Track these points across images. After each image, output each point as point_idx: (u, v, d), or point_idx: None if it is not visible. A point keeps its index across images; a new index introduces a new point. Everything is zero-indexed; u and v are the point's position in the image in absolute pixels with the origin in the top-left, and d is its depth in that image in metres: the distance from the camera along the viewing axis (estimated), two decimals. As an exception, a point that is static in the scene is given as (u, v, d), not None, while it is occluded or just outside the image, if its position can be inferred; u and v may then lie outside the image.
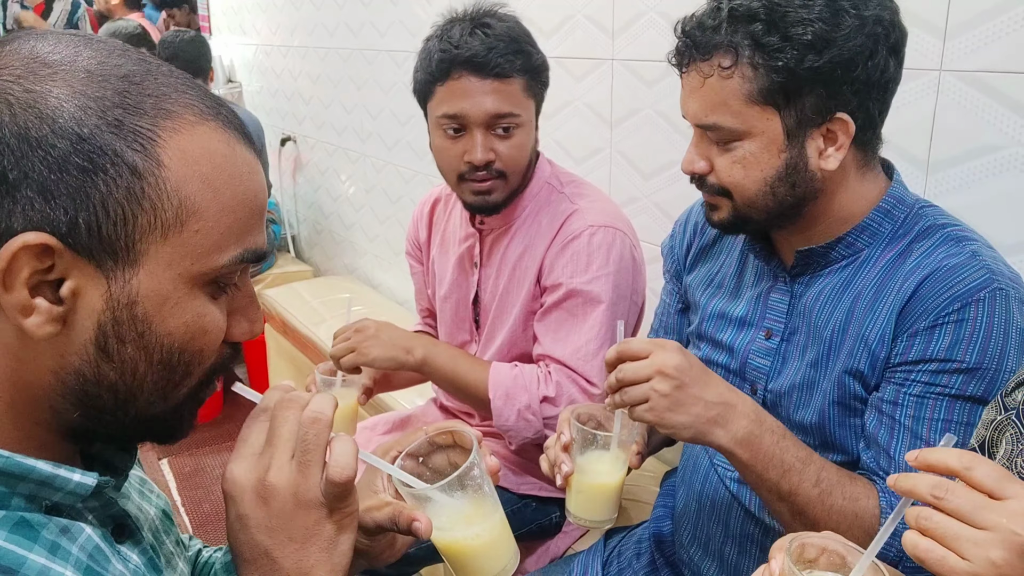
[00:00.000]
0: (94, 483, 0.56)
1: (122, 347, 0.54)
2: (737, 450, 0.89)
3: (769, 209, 0.96)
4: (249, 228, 0.58)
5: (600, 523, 1.03)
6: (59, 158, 0.50)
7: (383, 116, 2.81)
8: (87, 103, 0.51)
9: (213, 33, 4.58)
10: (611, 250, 1.35)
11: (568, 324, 1.37)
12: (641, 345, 0.90)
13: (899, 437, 0.90)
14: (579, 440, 0.99)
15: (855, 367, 0.94)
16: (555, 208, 1.41)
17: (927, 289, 0.90)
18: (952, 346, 0.87)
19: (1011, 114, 1.08)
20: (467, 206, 1.42)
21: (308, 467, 0.60)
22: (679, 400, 0.88)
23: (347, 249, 3.34)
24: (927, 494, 0.59)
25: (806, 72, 0.88)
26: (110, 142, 0.51)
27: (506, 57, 1.28)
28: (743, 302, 1.08)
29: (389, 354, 1.38)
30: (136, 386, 0.56)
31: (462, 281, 1.53)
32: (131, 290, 0.53)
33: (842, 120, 0.91)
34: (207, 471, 2.92)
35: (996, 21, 1.08)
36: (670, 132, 1.64)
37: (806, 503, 0.89)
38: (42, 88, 0.50)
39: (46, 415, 0.56)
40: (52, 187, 0.50)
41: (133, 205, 0.52)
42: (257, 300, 0.63)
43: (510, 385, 1.37)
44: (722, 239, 1.16)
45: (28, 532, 0.52)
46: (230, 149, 0.56)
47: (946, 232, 0.94)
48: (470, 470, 0.70)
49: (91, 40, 0.55)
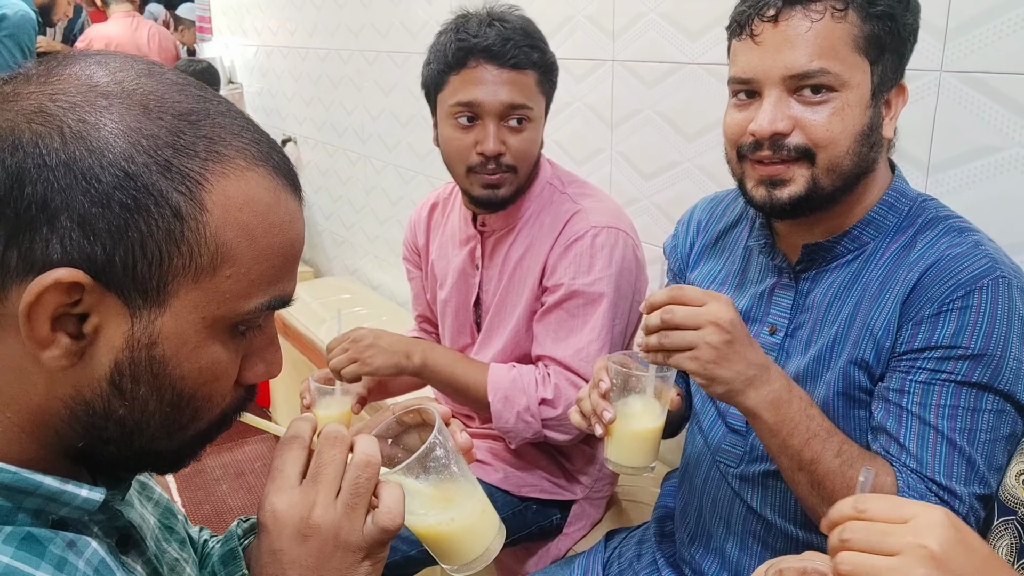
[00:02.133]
0: (101, 498, 0.56)
1: (135, 386, 0.54)
2: (765, 413, 0.89)
3: (846, 174, 0.93)
4: (281, 276, 0.57)
5: (642, 469, 1.02)
6: (103, 193, 0.49)
7: (383, 117, 2.81)
8: (139, 139, 0.50)
9: (214, 34, 4.58)
10: (614, 251, 1.35)
11: (569, 325, 1.36)
12: (696, 293, 0.90)
13: (907, 424, 0.90)
14: (619, 385, 0.98)
15: (860, 357, 0.95)
16: (557, 208, 1.41)
17: (931, 278, 0.91)
18: (957, 332, 0.88)
19: (1011, 114, 1.08)
20: (474, 200, 1.41)
21: (355, 510, 0.60)
22: (726, 355, 0.87)
23: (347, 250, 3.34)
24: (836, 541, 0.61)
25: (903, 28, 0.91)
26: (156, 182, 0.50)
27: (522, 49, 1.29)
28: (747, 298, 1.08)
29: (391, 361, 1.38)
30: (144, 422, 0.55)
31: (463, 284, 1.53)
32: (153, 331, 0.53)
33: (901, 88, 0.95)
34: (207, 472, 2.92)
35: (996, 22, 1.08)
36: (670, 133, 1.64)
37: (826, 473, 0.89)
38: (96, 120, 0.50)
39: (50, 439, 0.55)
40: (92, 221, 0.49)
41: (171, 247, 0.51)
42: (277, 342, 0.62)
43: (508, 387, 1.37)
44: (725, 237, 1.16)
45: (35, 548, 0.51)
46: (274, 197, 0.55)
47: (949, 223, 0.95)
48: (431, 450, 0.67)
49: (152, 70, 0.54)
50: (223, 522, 2.63)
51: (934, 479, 0.88)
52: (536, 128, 1.35)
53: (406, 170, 2.73)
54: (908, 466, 0.89)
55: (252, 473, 2.91)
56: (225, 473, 2.92)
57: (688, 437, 1.22)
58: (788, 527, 1.04)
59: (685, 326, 0.88)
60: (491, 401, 1.38)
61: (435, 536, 0.71)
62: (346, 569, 0.60)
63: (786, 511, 1.04)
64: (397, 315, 2.72)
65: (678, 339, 0.88)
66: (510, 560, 1.60)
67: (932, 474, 0.88)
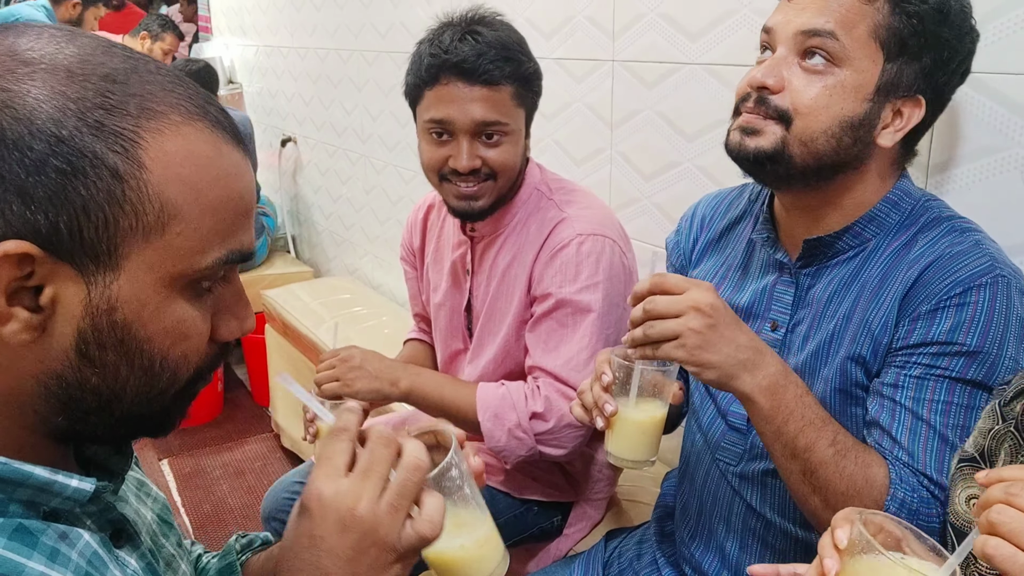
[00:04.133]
0: (92, 488, 0.56)
1: (103, 353, 0.53)
2: (760, 398, 0.89)
3: (820, 155, 0.93)
4: (234, 229, 0.56)
5: (643, 463, 1.02)
6: (37, 160, 0.48)
7: (383, 117, 2.81)
8: (66, 104, 0.49)
9: (214, 34, 4.58)
10: (600, 259, 1.33)
11: (558, 334, 1.35)
12: (676, 280, 0.90)
13: (900, 418, 0.90)
14: (621, 379, 0.98)
15: (858, 352, 0.95)
16: (543, 215, 1.39)
17: (930, 275, 0.91)
18: (953, 329, 0.88)
19: (1011, 115, 1.08)
20: (451, 210, 1.40)
21: (398, 511, 0.61)
22: (711, 339, 0.87)
23: (347, 250, 3.34)
24: (1002, 493, 0.59)
25: (931, 36, 0.90)
26: (89, 144, 0.49)
27: (495, 64, 1.27)
28: (748, 294, 1.09)
29: (373, 386, 1.37)
30: (119, 389, 0.55)
31: (455, 289, 1.53)
32: (111, 295, 0.52)
33: (918, 103, 0.93)
34: (207, 471, 2.92)
35: (996, 23, 1.08)
36: (670, 133, 1.64)
37: (820, 462, 0.88)
38: (19, 87, 0.49)
39: (31, 419, 0.55)
40: (31, 190, 0.48)
41: (114, 208, 0.50)
42: (246, 297, 0.62)
43: (497, 405, 1.35)
44: (729, 233, 1.16)
45: (27, 538, 0.51)
46: (215, 150, 0.55)
47: (951, 223, 0.95)
48: (446, 471, 0.67)
49: (75, 35, 0.54)
50: (223, 522, 2.63)
51: (925, 473, 0.88)
52: (514, 141, 1.33)
53: (406, 170, 2.73)
54: (900, 460, 0.89)
55: (252, 473, 2.91)
56: (225, 473, 2.91)
57: (687, 435, 1.22)
58: (788, 526, 1.04)
59: (668, 314, 0.88)
60: (481, 420, 1.36)
61: (443, 561, 0.72)
62: (379, 568, 0.61)
63: (786, 510, 1.04)
64: (397, 315, 2.72)
65: (662, 328, 0.88)
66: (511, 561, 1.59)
67: (924, 468, 0.88)
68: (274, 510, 1.64)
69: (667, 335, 0.88)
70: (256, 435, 3.16)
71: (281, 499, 1.64)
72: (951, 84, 0.95)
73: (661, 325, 0.88)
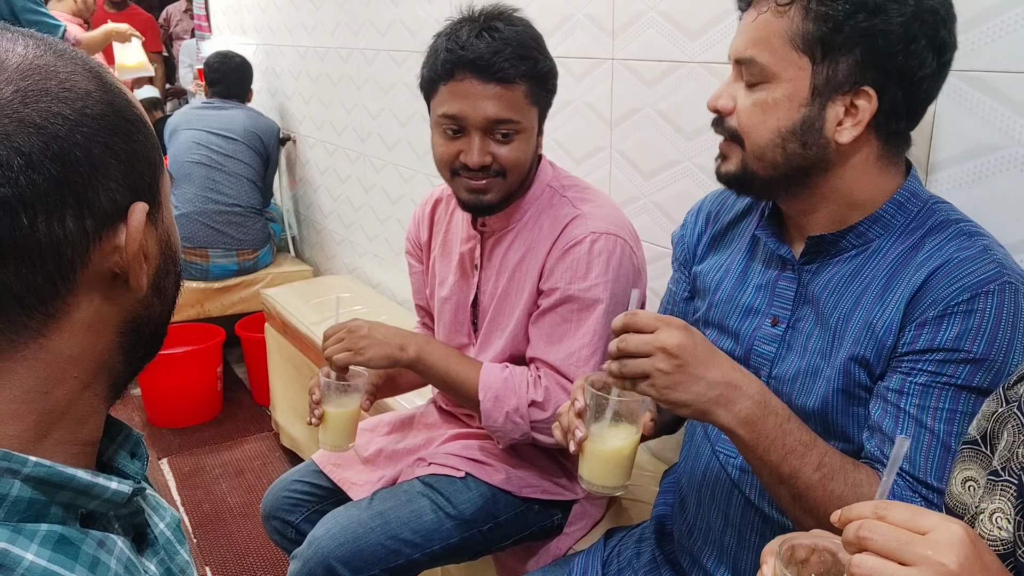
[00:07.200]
0: (130, 490, 0.56)
1: (166, 279, 0.60)
2: (739, 430, 0.90)
3: (777, 165, 0.96)
4: None
5: (612, 490, 1.03)
6: (124, 129, 0.54)
7: (383, 116, 2.81)
8: (108, 76, 0.56)
9: (213, 33, 4.58)
10: (611, 258, 1.34)
11: (562, 329, 1.36)
12: (648, 320, 0.90)
13: (904, 425, 0.90)
14: (593, 406, 0.99)
15: (860, 354, 0.95)
16: (557, 212, 1.41)
17: (937, 280, 0.90)
18: (960, 336, 0.88)
19: (1011, 114, 1.08)
20: (461, 204, 1.41)
21: None
22: (679, 380, 0.88)
23: (347, 249, 3.34)
24: (853, 536, 0.60)
25: (850, 30, 0.89)
26: (133, 106, 0.57)
27: (510, 62, 1.28)
28: (751, 289, 1.09)
29: (384, 352, 1.38)
30: (170, 306, 0.62)
31: (463, 283, 1.53)
32: (165, 226, 0.59)
33: (867, 94, 0.92)
34: (207, 470, 2.92)
35: (996, 21, 1.08)
36: (670, 132, 1.64)
37: (806, 487, 0.89)
38: (66, 76, 0.54)
39: (105, 386, 0.58)
40: (118, 154, 0.54)
41: (154, 154, 0.57)
42: None
43: (500, 387, 1.37)
44: (735, 227, 1.17)
45: (69, 550, 0.52)
46: None
47: (959, 227, 0.95)
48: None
49: None
50: (222, 521, 2.63)
51: (925, 481, 0.88)
52: (526, 139, 1.34)
53: (405, 169, 2.73)
54: (900, 469, 0.89)
55: (251, 472, 2.91)
56: (224, 472, 2.92)
57: (688, 429, 1.23)
58: (785, 521, 1.04)
59: (638, 354, 0.89)
60: (481, 400, 1.38)
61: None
62: None
63: (783, 507, 1.04)
64: (397, 313, 2.72)
65: (633, 367, 0.90)
66: (510, 560, 1.60)
67: (924, 476, 0.88)
68: (274, 509, 1.64)
69: (638, 373, 0.90)
70: (256, 434, 3.16)
71: (280, 498, 1.64)
72: (910, 65, 0.90)
73: (632, 363, 0.90)
